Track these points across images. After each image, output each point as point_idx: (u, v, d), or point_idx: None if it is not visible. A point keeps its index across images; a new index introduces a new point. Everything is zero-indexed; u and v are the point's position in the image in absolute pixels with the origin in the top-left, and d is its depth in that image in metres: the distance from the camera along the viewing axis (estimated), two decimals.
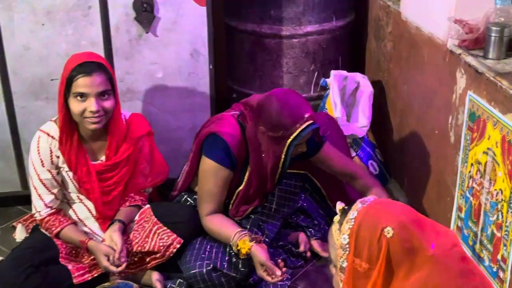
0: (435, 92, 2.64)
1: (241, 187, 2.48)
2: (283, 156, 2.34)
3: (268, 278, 2.27)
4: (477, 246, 2.26)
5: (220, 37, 3.17)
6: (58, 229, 2.39)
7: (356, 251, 1.32)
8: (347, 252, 1.34)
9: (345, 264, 1.35)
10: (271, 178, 2.44)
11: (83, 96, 2.27)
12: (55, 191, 2.43)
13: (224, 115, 2.51)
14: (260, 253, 2.27)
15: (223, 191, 2.45)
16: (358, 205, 1.37)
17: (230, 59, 3.40)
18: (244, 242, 2.32)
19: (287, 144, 2.32)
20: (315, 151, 2.56)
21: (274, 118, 2.30)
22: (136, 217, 2.53)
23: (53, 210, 2.43)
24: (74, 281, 2.39)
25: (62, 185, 2.46)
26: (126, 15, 2.68)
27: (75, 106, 2.27)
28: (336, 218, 1.40)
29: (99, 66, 2.31)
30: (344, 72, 3.20)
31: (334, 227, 1.39)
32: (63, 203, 2.50)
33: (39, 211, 2.42)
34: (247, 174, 2.48)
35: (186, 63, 2.78)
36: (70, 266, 2.41)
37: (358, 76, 3.19)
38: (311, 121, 2.31)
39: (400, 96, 3.06)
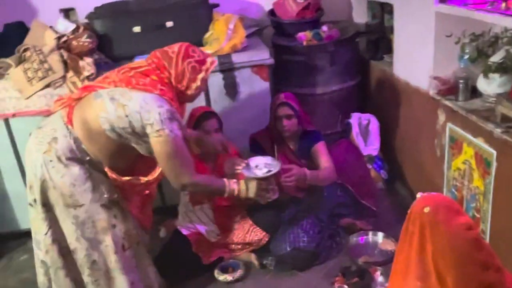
0: (423, 124, 2.76)
1: None
2: None
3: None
4: None
5: None
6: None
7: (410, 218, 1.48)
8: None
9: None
10: None
11: (208, 132, 2.58)
12: None
13: None
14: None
15: None
16: (419, 194, 1.51)
17: None
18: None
19: None
20: (315, 141, 2.75)
21: None
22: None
23: None
24: (204, 262, 2.59)
25: None
26: (220, 92, 2.97)
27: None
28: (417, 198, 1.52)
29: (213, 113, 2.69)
30: (359, 114, 3.35)
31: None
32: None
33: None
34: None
35: (260, 118, 2.97)
36: (200, 254, 2.62)
37: (368, 115, 3.34)
38: None
39: (398, 128, 3.18)
